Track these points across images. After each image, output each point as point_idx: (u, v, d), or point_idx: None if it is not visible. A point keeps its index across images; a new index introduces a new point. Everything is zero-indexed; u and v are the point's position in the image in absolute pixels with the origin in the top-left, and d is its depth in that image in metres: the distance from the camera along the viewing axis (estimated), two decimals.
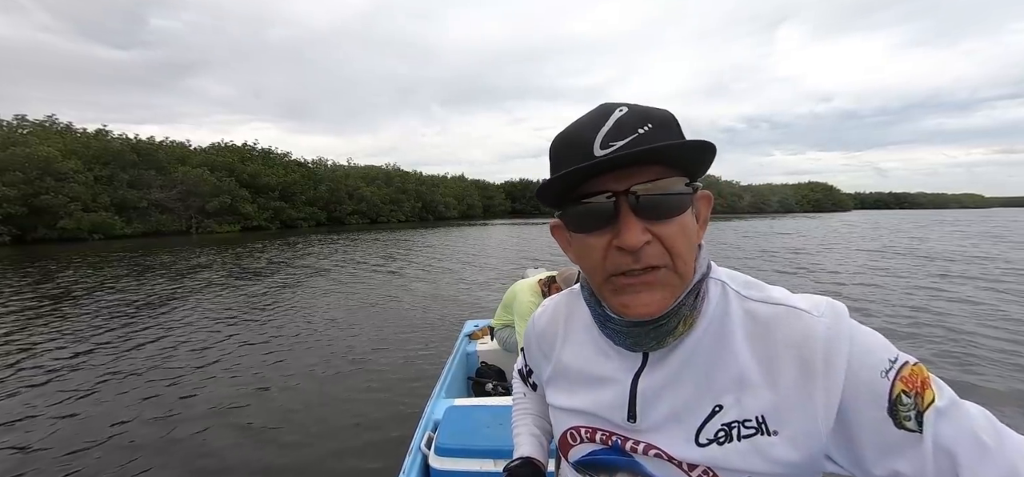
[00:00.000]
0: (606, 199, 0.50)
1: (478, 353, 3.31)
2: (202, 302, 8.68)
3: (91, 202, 32.14)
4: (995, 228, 31.07)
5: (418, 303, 8.30)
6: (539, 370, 0.77)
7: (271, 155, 53.47)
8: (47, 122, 37.63)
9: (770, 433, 0.52)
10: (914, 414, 0.46)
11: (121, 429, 3.66)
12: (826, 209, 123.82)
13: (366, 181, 62.00)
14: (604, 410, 0.61)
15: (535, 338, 0.76)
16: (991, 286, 9.39)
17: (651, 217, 0.50)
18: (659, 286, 0.52)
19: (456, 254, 17.51)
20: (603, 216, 0.51)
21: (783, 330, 0.52)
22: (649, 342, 0.56)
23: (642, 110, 0.51)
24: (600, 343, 0.64)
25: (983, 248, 17.45)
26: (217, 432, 3.56)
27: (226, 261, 16.00)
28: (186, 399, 4.22)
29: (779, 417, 0.51)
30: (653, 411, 0.57)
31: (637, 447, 0.59)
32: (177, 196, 37.61)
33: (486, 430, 1.86)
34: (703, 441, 0.55)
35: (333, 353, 5.50)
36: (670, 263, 0.52)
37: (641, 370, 0.59)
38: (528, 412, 0.87)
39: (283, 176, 48.65)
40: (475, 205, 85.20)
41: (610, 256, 0.52)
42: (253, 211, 42.91)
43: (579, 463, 0.65)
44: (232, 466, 3.11)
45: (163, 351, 5.66)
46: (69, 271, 13.82)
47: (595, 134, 0.50)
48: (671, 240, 0.51)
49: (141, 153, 38.26)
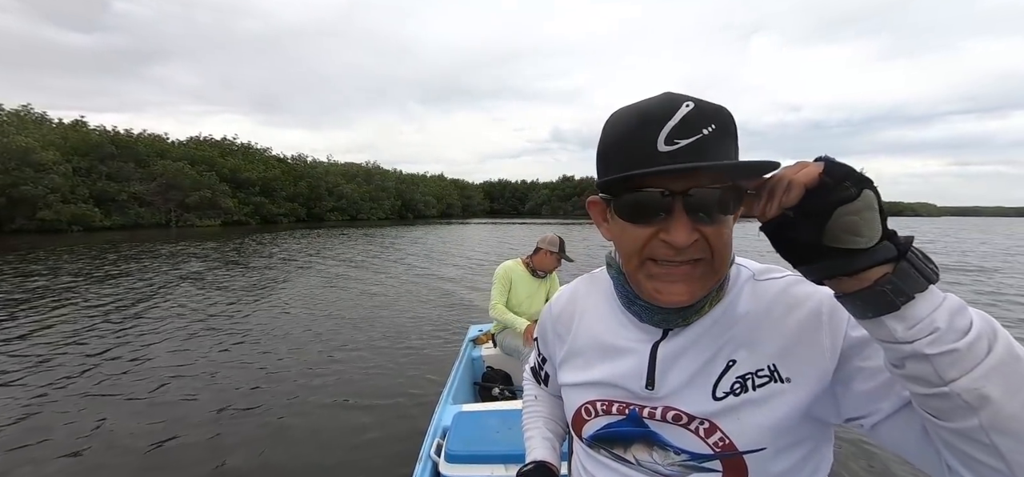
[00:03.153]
0: (661, 195, 0.50)
1: (483, 358, 3.33)
2: (200, 303, 8.26)
3: (70, 194, 32.15)
4: (928, 238, 34.03)
5: (416, 305, 8.11)
6: (553, 356, 0.78)
7: (251, 150, 53.59)
8: (22, 111, 37.19)
9: (783, 380, 0.55)
10: None
11: (112, 438, 3.44)
12: None
13: (346, 178, 62.60)
14: (622, 379, 0.63)
15: (551, 321, 0.78)
16: None
17: (701, 218, 0.51)
18: (695, 279, 0.54)
19: (444, 253, 17.26)
20: (656, 209, 0.51)
21: (791, 294, 0.57)
22: (677, 320, 0.59)
23: (707, 109, 0.51)
24: (620, 318, 0.66)
25: None
26: (220, 442, 3.39)
27: (215, 257, 15.51)
28: (184, 404, 4.02)
29: (790, 364, 0.55)
30: (671, 377, 0.60)
31: (655, 412, 0.60)
32: (157, 189, 37.69)
33: (495, 435, 1.84)
34: (720, 395, 0.57)
35: (334, 357, 5.30)
36: (710, 258, 0.53)
37: (660, 340, 0.61)
38: (540, 415, 0.88)
39: (263, 171, 48.92)
40: (454, 204, 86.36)
41: (652, 244, 0.53)
42: (234, 205, 43.13)
43: (593, 438, 0.67)
44: (234, 473, 3.02)
45: (163, 353, 5.38)
46: (52, 261, 13.99)
47: (661, 128, 0.50)
48: (715, 239, 0.52)
49: (120, 145, 38.20)
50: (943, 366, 0.39)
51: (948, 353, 0.39)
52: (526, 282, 3.10)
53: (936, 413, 0.42)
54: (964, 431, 0.40)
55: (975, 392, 0.38)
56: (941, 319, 0.40)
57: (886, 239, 0.40)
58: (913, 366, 0.41)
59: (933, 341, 0.39)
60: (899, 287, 0.40)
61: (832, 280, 0.43)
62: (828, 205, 0.40)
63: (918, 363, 0.40)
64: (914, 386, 0.42)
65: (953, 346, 0.39)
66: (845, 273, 0.41)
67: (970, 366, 0.39)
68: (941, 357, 0.39)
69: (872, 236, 0.40)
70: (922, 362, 0.40)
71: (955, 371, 0.39)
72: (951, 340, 0.39)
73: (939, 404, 0.41)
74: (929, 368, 0.40)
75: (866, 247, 0.40)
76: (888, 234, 0.41)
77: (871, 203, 0.40)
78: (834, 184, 0.40)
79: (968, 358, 0.39)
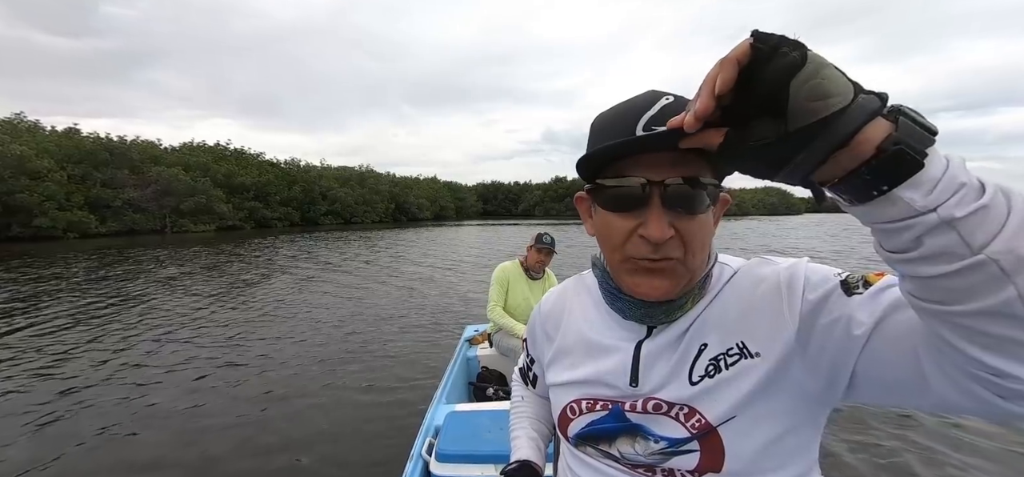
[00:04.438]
0: (639, 184, 0.51)
1: (478, 358, 3.31)
2: (196, 304, 8.26)
3: (65, 201, 32.42)
4: None
5: (413, 306, 8.09)
6: (541, 355, 0.79)
7: (244, 155, 53.89)
8: (15, 119, 37.36)
9: (752, 355, 0.56)
10: (862, 282, 0.50)
11: (106, 435, 3.51)
12: (780, 212, 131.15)
13: (339, 182, 62.98)
14: (607, 376, 0.64)
15: (540, 320, 0.79)
16: None
17: (678, 211, 0.52)
18: (669, 275, 0.55)
19: (439, 256, 17.34)
20: (633, 200, 0.53)
21: (754, 273, 0.60)
22: (659, 317, 0.60)
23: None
24: (606, 318, 0.67)
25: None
26: (212, 439, 3.40)
27: (208, 263, 15.55)
28: (175, 407, 3.99)
29: (757, 339, 0.56)
30: (654, 373, 0.61)
31: (636, 405, 0.61)
32: (151, 195, 37.99)
33: (487, 435, 1.84)
34: (695, 379, 0.58)
35: (328, 358, 5.29)
36: (683, 256, 0.54)
37: (644, 339, 0.62)
38: (526, 415, 0.89)
39: (257, 176, 49.29)
40: (448, 207, 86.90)
41: (632, 241, 0.54)
42: (228, 211, 43.51)
43: (578, 436, 0.67)
44: (229, 475, 3.01)
45: (160, 356, 5.37)
46: (58, 267, 14.40)
47: (640, 117, 0.52)
48: (689, 236, 0.53)
49: (114, 152, 38.49)
50: (971, 229, 0.33)
51: (977, 212, 0.33)
52: (523, 283, 3.12)
53: (953, 297, 0.35)
54: (994, 308, 0.34)
55: (1013, 254, 0.32)
56: (961, 173, 0.34)
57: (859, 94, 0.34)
58: (935, 239, 0.34)
59: (961, 201, 0.33)
60: (908, 142, 0.34)
61: (828, 165, 0.36)
62: (777, 79, 0.34)
63: (941, 234, 0.34)
64: (932, 266, 0.35)
65: (981, 202, 0.33)
66: (840, 143, 0.34)
67: (999, 225, 0.33)
68: (970, 218, 0.33)
69: (845, 92, 0.34)
70: (946, 232, 0.34)
71: (984, 233, 0.33)
72: (975, 197, 0.33)
73: (962, 282, 0.34)
74: (955, 237, 0.34)
75: (846, 105, 0.34)
76: (859, 88, 0.35)
77: (823, 60, 0.34)
78: (770, 51, 0.34)
79: (995, 215, 0.33)
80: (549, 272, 3.23)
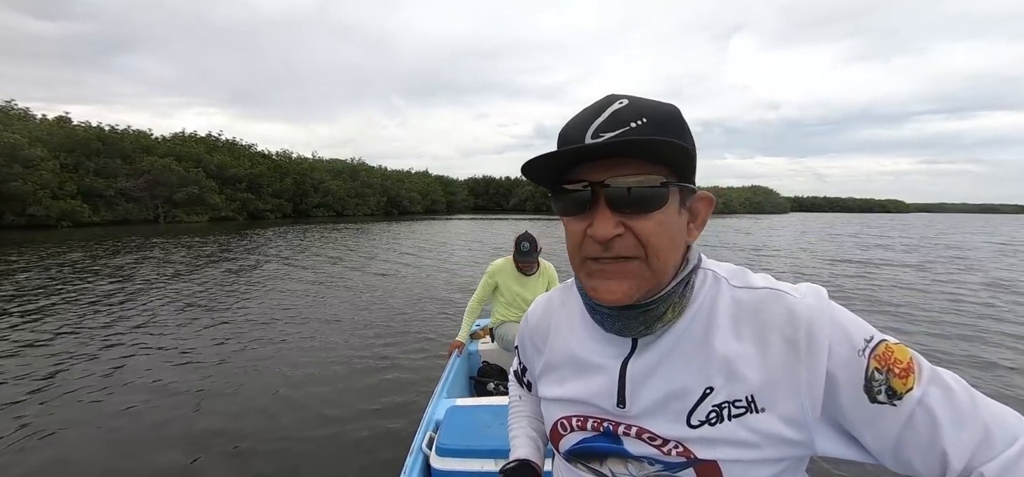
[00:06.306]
0: (583, 188, 0.52)
1: (480, 353, 3.29)
2: (191, 297, 8.12)
3: (58, 190, 32.48)
4: (888, 234, 36.31)
5: (412, 301, 8.02)
6: (532, 367, 0.80)
7: (237, 146, 53.82)
8: (7, 106, 37.16)
9: (759, 410, 0.54)
10: (885, 389, 0.49)
11: (110, 430, 3.49)
12: (766, 210, 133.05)
13: (331, 175, 63.02)
14: (594, 397, 0.63)
15: (528, 334, 0.79)
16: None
17: (625, 210, 0.52)
18: (628, 276, 0.54)
19: (433, 249, 17.32)
20: (579, 203, 0.53)
21: (768, 312, 0.55)
22: (638, 328, 0.58)
23: (642, 104, 0.51)
24: (591, 331, 0.66)
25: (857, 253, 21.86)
26: (209, 435, 3.38)
27: (205, 253, 15.42)
28: (174, 400, 3.98)
29: (766, 394, 0.53)
30: (642, 395, 0.59)
31: (629, 430, 0.60)
32: (144, 185, 38.04)
33: (488, 430, 1.83)
34: (695, 423, 0.56)
35: (327, 352, 5.25)
36: (643, 256, 0.53)
37: (630, 356, 0.61)
38: (524, 414, 0.89)
39: (250, 168, 49.31)
40: (440, 201, 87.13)
41: (586, 242, 0.55)
42: (221, 202, 43.56)
43: (570, 453, 0.67)
44: (228, 468, 2.99)
45: (159, 352, 5.27)
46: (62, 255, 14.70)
47: (590, 123, 0.52)
48: (645, 234, 0.52)
49: (106, 141, 38.42)
50: None
51: None
52: (516, 280, 3.15)
53: None
54: None
55: None
56: None
57: None
58: None
59: None
60: None
61: None
62: None
63: None
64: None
65: None
66: None
67: None
68: None
69: None
70: None
71: None
72: None
73: None
74: None
75: None
76: None
77: None
78: None
79: None
80: (547, 265, 3.27)
